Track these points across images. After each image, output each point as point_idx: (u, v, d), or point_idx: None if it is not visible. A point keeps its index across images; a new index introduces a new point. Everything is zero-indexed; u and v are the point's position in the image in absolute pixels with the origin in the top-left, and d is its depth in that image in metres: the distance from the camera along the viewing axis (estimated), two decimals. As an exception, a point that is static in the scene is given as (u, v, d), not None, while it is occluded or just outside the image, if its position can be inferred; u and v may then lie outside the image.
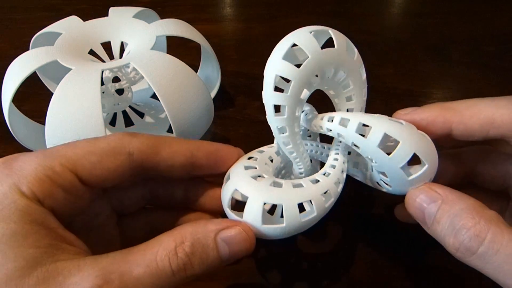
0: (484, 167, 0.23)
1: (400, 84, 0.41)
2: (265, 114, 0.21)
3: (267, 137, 0.24)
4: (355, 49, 0.22)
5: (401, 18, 0.56)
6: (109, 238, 0.22)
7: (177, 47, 0.40)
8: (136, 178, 0.21)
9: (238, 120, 0.38)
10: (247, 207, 0.19)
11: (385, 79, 0.42)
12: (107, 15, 0.35)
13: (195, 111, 0.29)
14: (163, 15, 0.37)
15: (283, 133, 0.21)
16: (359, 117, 0.20)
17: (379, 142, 0.19)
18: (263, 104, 0.20)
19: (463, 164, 0.24)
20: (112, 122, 0.36)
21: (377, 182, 0.22)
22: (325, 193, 0.20)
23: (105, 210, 0.22)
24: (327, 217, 0.21)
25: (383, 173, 0.20)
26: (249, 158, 0.22)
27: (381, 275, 0.26)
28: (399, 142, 0.19)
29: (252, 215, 0.19)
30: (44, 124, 0.26)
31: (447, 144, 0.24)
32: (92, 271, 0.16)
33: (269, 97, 0.20)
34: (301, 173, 0.23)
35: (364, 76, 0.22)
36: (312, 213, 0.19)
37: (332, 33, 0.20)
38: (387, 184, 0.21)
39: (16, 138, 0.30)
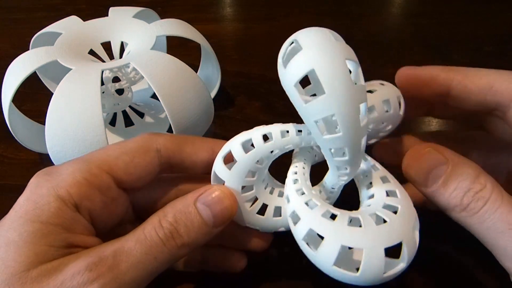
0: (479, 154, 0.24)
1: (400, 84, 0.41)
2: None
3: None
4: None
5: (401, 18, 0.56)
6: None
7: (177, 47, 0.40)
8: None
9: (238, 120, 0.38)
10: (322, 246, 0.17)
11: (385, 79, 0.42)
12: (107, 15, 0.35)
13: (195, 111, 0.29)
14: (163, 15, 0.37)
15: None
16: None
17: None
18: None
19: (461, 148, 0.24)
20: (112, 122, 0.36)
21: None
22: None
23: (131, 220, 0.23)
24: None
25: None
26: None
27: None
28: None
29: (326, 255, 0.17)
30: (44, 124, 0.26)
31: (442, 114, 0.26)
32: (88, 255, 0.17)
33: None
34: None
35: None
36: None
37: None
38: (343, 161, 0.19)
39: (16, 138, 0.30)
